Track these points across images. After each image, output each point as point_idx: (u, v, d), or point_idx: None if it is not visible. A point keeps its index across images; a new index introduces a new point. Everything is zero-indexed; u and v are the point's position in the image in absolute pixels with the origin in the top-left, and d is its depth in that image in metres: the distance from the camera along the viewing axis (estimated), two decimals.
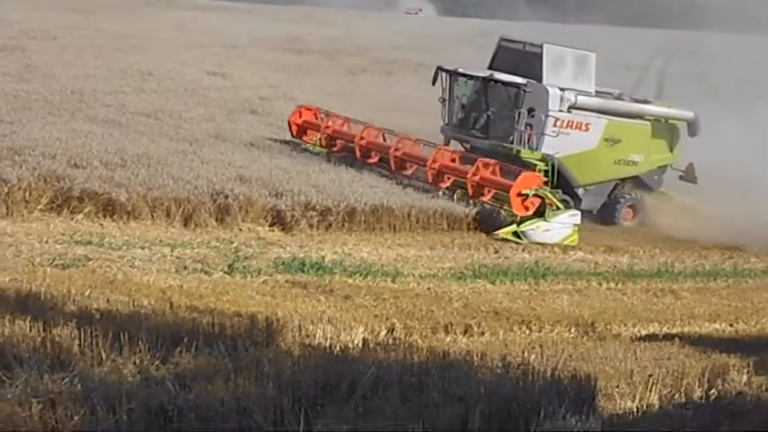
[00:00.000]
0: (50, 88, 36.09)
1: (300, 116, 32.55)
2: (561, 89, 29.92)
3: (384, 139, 30.71)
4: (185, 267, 19.26)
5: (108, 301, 14.34)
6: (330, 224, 24.63)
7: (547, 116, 29.61)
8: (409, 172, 29.26)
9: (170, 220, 23.02)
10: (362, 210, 25.13)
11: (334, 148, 31.38)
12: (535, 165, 29.11)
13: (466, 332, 17.41)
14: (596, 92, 31.02)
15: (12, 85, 35.70)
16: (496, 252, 24.70)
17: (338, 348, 11.78)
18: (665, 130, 32.55)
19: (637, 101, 32.82)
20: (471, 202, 27.44)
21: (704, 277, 25.34)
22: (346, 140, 31.19)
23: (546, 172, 29.00)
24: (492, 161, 28.18)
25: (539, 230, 26.80)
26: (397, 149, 29.55)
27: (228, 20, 65.92)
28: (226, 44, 54.49)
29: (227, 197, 23.71)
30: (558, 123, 29.88)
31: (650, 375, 11.34)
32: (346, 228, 24.86)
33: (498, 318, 18.62)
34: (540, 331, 18.25)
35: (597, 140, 30.72)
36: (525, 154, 29.50)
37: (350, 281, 20.06)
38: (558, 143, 29.84)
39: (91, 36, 53.30)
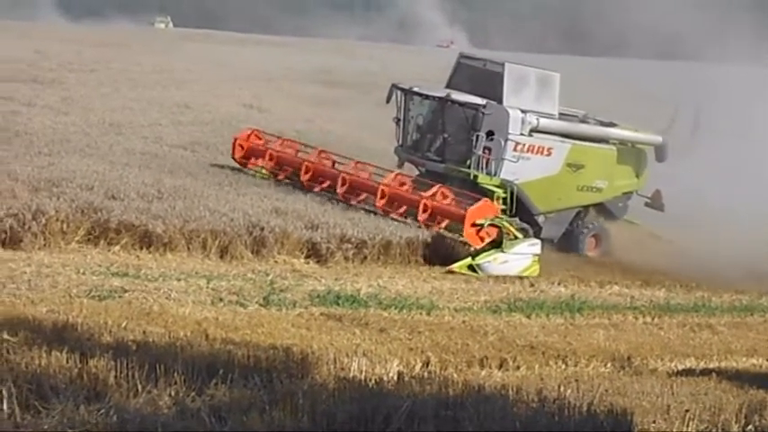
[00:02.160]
0: (88, 120, 36.37)
1: (248, 139, 30.97)
2: (523, 111, 28.46)
3: (333, 166, 29.06)
4: (221, 299, 19.30)
5: (144, 332, 14.38)
6: (365, 257, 24.65)
7: (507, 140, 28.17)
8: (358, 199, 27.65)
9: (206, 252, 23.08)
10: (398, 242, 25.14)
11: (279, 176, 29.57)
12: (493, 191, 27.84)
13: (501, 366, 17.33)
14: (560, 114, 29.66)
15: (50, 117, 35.99)
16: (532, 286, 24.66)
17: (373, 381, 11.75)
18: (632, 154, 31.22)
19: (603, 123, 31.36)
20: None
21: (741, 312, 25.19)
22: (293, 166, 29.44)
23: (504, 199, 27.83)
24: (448, 191, 26.91)
25: (496, 262, 25.66)
26: (346, 175, 28.04)
27: (264, 53, 66.29)
28: (261, 77, 54.78)
29: (262, 229, 23.77)
30: (519, 147, 28.40)
31: (687, 410, 11.24)
32: (381, 260, 24.87)
33: (534, 352, 18.53)
34: (575, 366, 18.14)
35: (560, 166, 29.37)
36: (483, 179, 28.11)
37: (385, 314, 20.02)
38: (519, 168, 28.43)
39: (128, 69, 53.71)
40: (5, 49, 55.75)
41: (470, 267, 25.38)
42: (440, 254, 25.71)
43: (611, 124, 31.42)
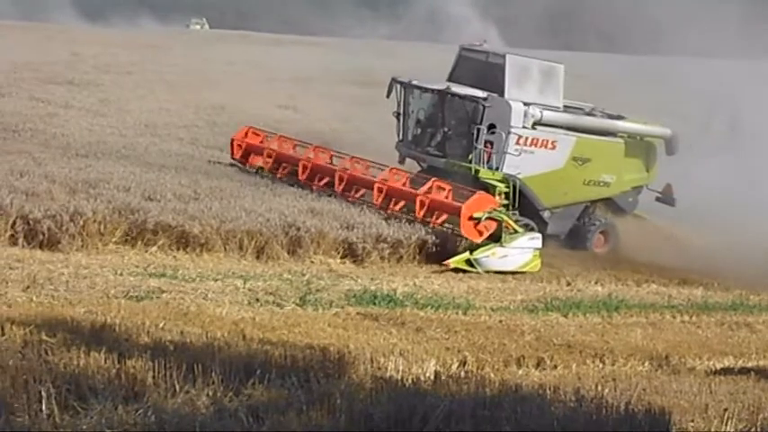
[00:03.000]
0: (124, 122, 36.59)
1: (246, 137, 30.72)
2: (525, 104, 27.68)
3: (331, 162, 28.68)
4: (258, 299, 19.35)
5: (181, 332, 14.43)
6: (401, 256, 24.66)
7: (509, 133, 27.37)
8: (357, 195, 27.24)
9: (243, 253, 23.15)
10: (433, 242, 25.12)
11: (279, 173, 29.19)
12: (495, 186, 27.10)
13: (538, 365, 17.27)
14: (565, 107, 28.85)
15: (87, 119, 36.22)
16: (569, 284, 24.59)
17: (410, 381, 11.75)
18: (641, 148, 30.47)
19: (610, 116, 30.44)
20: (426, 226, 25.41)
21: None
22: (291, 163, 29.09)
23: (507, 194, 27.07)
24: (446, 184, 26.16)
25: (494, 257, 24.93)
26: (343, 171, 27.61)
27: (300, 53, 66.27)
28: (297, 78, 54.81)
29: (298, 229, 23.82)
30: (522, 141, 27.64)
31: (725, 409, 11.16)
32: (417, 260, 24.86)
33: (571, 351, 18.46)
34: (613, 365, 18.06)
35: (565, 159, 28.60)
36: (484, 174, 27.35)
37: (421, 313, 20.01)
38: (522, 162, 27.66)
39: (164, 71, 53.95)
40: (42, 51, 56.17)
41: (468, 262, 24.74)
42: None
43: (619, 117, 30.64)
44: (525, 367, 17.09)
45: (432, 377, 12.56)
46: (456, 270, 24.57)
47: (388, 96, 29.10)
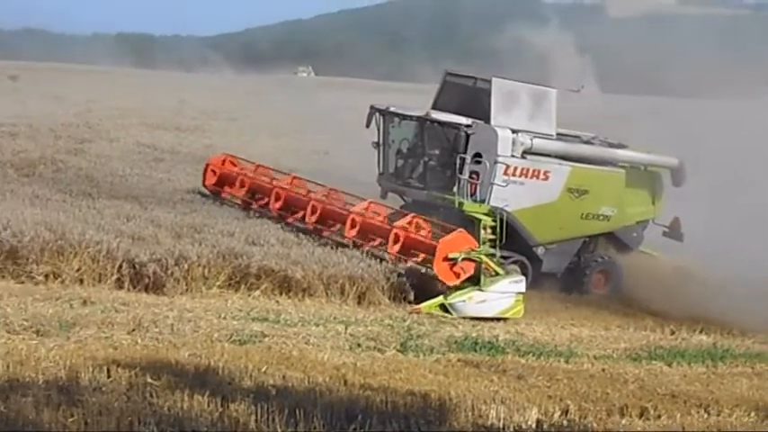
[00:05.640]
0: None
1: (222, 166, 29.46)
2: (514, 131, 25.89)
3: (307, 194, 27.05)
4: (359, 345, 19.37)
5: (284, 377, 14.50)
6: None
7: (495, 162, 25.54)
8: (330, 230, 25.90)
9: (344, 298, 23.21)
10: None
11: (253, 205, 27.84)
12: (480, 220, 25.31)
13: (642, 415, 17.00)
14: (559, 134, 27.10)
15: (192, 165, 36.70)
16: (673, 333, 24.26)
17: (511, 429, 11.69)
18: (645, 178, 28.62)
19: (611, 145, 28.63)
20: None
21: None
22: (267, 195, 27.55)
23: (494, 228, 25.25)
24: (423, 222, 24.37)
25: (471, 302, 23.04)
26: (315, 203, 25.99)
27: (403, 100, 66.51)
28: None
29: (399, 275, 23.82)
30: (510, 171, 25.74)
31: None
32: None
33: (675, 401, 18.16)
34: (718, 415, 17.71)
35: (559, 191, 26.64)
36: (469, 207, 25.62)
37: (523, 360, 19.86)
38: (510, 194, 25.73)
39: (267, 117, 54.57)
40: (152, 98, 57.24)
41: (443, 307, 23.04)
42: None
43: (621, 145, 28.85)
44: (629, 417, 16.84)
45: (533, 425, 12.46)
46: (557, 318, 24.36)
47: (367, 126, 27.68)
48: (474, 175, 25.83)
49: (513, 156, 25.93)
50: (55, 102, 57.21)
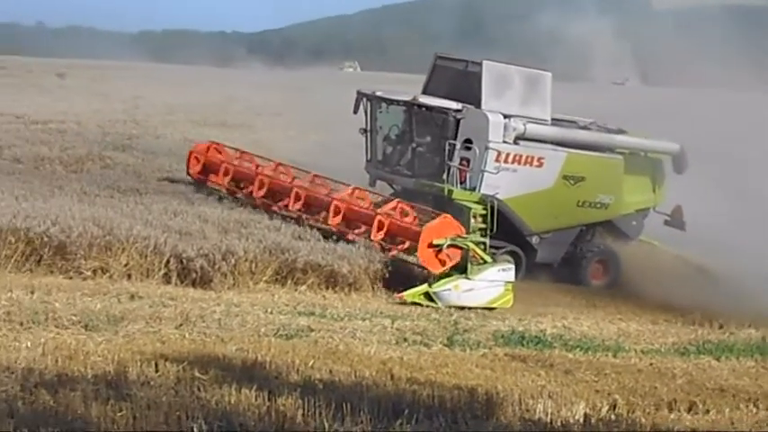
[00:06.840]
0: None
1: (207, 153, 28.82)
2: (506, 116, 25.09)
3: (292, 181, 26.39)
4: (405, 339, 19.36)
5: (330, 371, 14.53)
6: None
7: (486, 148, 24.76)
8: (315, 218, 25.24)
9: (390, 292, 23.23)
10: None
11: (237, 194, 27.57)
12: (470, 208, 24.30)
13: (690, 410, 16.90)
14: (554, 120, 26.25)
15: None
16: (721, 327, 24.05)
17: (559, 424, 11.64)
18: (645, 165, 27.77)
19: (609, 130, 27.79)
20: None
21: None
22: (250, 181, 27.09)
23: (484, 217, 24.27)
24: (409, 207, 23.63)
25: (457, 290, 22.36)
26: (299, 190, 25.50)
27: None
28: None
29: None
30: (502, 157, 24.94)
31: None
32: (566, 302, 24.64)
33: (724, 395, 18.03)
34: (767, 410, 17.61)
35: (554, 178, 25.82)
36: (459, 195, 24.76)
37: (570, 355, 19.78)
38: (502, 181, 25.00)
39: (312, 112, 54.59)
40: (199, 95, 57.47)
41: (428, 296, 22.40)
42: None
43: (620, 131, 28.07)
44: (677, 411, 16.74)
45: (581, 420, 12.41)
46: (605, 312, 24.26)
47: (355, 112, 27.00)
48: (464, 162, 25.15)
49: (504, 142, 25.26)
50: (102, 99, 57.54)
